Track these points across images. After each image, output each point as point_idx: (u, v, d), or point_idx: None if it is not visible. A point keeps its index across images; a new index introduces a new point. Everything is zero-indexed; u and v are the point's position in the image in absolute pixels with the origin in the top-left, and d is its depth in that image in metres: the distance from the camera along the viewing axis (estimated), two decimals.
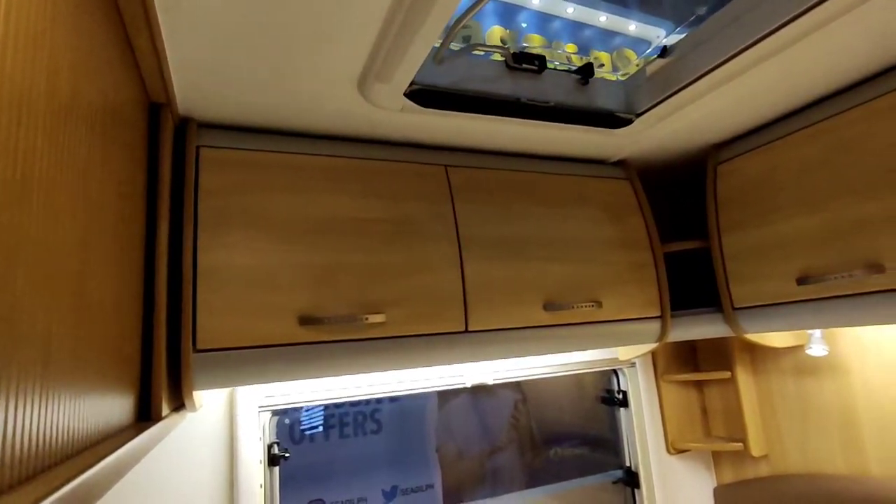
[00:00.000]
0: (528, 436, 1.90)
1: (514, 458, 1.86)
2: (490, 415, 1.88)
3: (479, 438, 1.84)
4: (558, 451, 1.92)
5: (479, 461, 1.82)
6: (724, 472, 1.96)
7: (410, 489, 1.72)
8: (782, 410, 1.78)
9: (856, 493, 1.55)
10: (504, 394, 1.90)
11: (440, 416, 1.81)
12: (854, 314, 1.26)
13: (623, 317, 1.48)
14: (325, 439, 1.66)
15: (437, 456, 1.78)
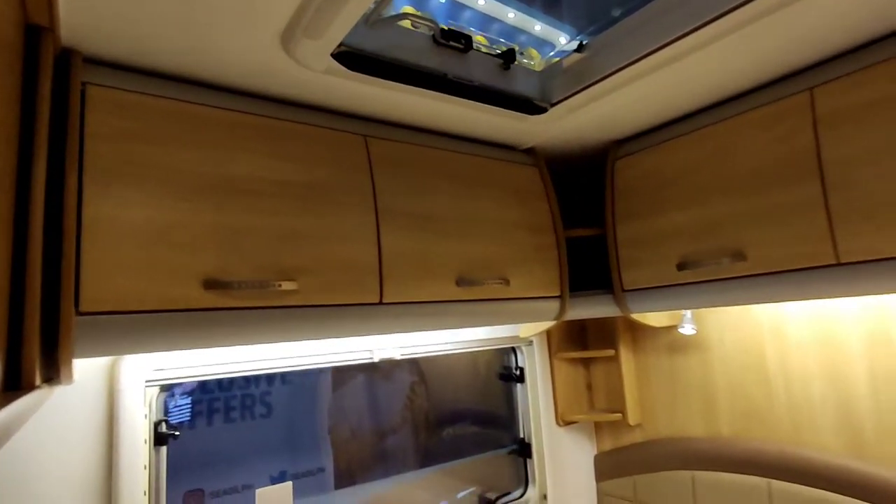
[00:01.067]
0: (424, 416, 1.93)
1: (408, 439, 1.88)
2: (385, 396, 1.88)
3: (373, 420, 1.84)
4: (454, 430, 1.97)
5: (373, 443, 1.81)
6: (604, 441, 2.15)
7: (300, 473, 1.67)
8: (656, 384, 2.00)
9: (710, 450, 1.79)
10: (400, 375, 1.92)
11: (333, 398, 1.78)
12: (722, 296, 1.44)
13: (528, 295, 1.56)
14: (207, 425, 1.56)
15: (329, 439, 1.75)
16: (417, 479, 1.84)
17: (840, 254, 1.20)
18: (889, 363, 1.45)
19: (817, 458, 1.55)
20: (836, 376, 1.55)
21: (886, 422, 1.45)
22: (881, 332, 1.47)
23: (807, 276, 1.27)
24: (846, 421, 1.53)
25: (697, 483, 1.81)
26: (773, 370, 1.69)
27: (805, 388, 1.61)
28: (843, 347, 1.54)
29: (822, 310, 1.58)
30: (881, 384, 1.46)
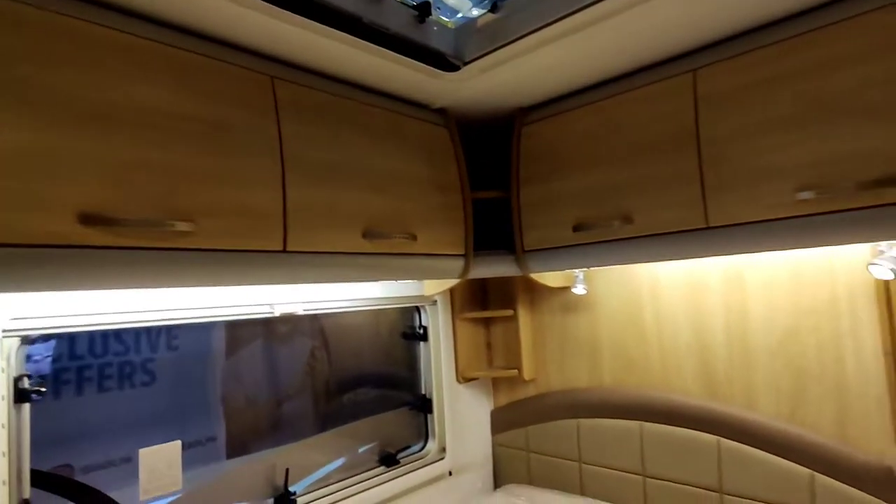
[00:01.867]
0: (325, 382, 1.91)
1: (308, 405, 1.86)
2: (284, 361, 1.83)
3: (270, 386, 1.79)
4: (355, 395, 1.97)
5: (270, 410, 1.77)
6: (501, 396, 2.29)
7: (189, 444, 1.59)
8: (550, 341, 2.14)
9: (593, 399, 1.97)
10: (300, 340, 1.88)
11: (227, 364, 1.71)
12: (612, 256, 1.57)
13: (434, 251, 1.60)
14: (76, 394, 1.43)
15: (221, 407, 1.68)
16: (317, 440, 1.83)
17: (709, 219, 1.36)
18: (739, 319, 1.68)
19: (681, 400, 1.77)
20: (699, 330, 1.77)
21: (734, 368, 1.69)
22: (734, 293, 1.69)
23: (682, 238, 1.42)
24: (704, 368, 1.75)
25: (582, 429, 1.99)
26: (649, 326, 1.88)
27: (674, 340, 1.82)
28: (705, 306, 1.75)
29: (691, 274, 1.78)
30: (733, 338, 1.69)
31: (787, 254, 1.59)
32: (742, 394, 1.67)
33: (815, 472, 1.50)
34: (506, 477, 2.20)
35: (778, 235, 1.28)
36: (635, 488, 1.85)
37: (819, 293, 1.54)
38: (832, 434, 1.51)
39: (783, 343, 1.60)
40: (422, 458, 1.99)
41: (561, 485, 2.03)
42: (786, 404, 1.59)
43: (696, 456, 1.71)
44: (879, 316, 1.43)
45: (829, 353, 1.52)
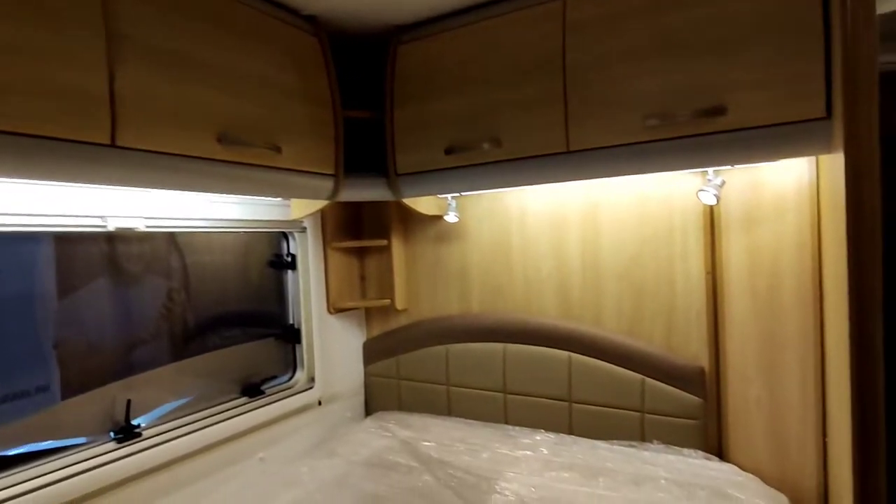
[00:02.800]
0: (182, 316, 1.75)
1: (163, 339, 1.69)
2: (136, 305, 1.63)
3: (118, 331, 1.59)
4: (217, 325, 1.83)
5: (117, 349, 1.58)
6: (374, 327, 2.29)
7: (10, 396, 1.37)
8: (422, 271, 2.17)
9: (462, 326, 2.05)
10: (155, 282, 1.69)
11: (61, 306, 1.48)
12: (482, 180, 1.60)
13: (301, 168, 1.50)
14: None
15: (54, 353, 1.46)
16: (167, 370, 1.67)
17: (570, 143, 1.43)
18: (593, 248, 1.82)
19: (540, 322, 1.91)
20: (559, 258, 1.89)
21: (587, 291, 1.84)
22: (590, 225, 1.82)
23: (546, 163, 1.48)
24: (561, 292, 1.89)
25: (451, 354, 2.06)
26: (516, 255, 1.97)
27: (537, 268, 1.93)
28: (565, 237, 1.87)
29: (554, 207, 1.89)
30: (587, 264, 1.84)
31: (634, 189, 1.74)
32: (591, 313, 1.84)
33: (645, 376, 1.71)
34: (377, 405, 2.23)
35: (628, 160, 1.38)
36: (497, 405, 1.98)
37: (659, 223, 1.71)
38: (661, 344, 1.73)
39: (628, 268, 1.77)
40: (289, 389, 1.93)
41: (430, 408, 2.11)
42: (626, 321, 1.78)
43: (550, 371, 1.87)
44: (704, 240, 1.64)
45: (664, 275, 1.71)
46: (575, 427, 1.84)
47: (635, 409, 1.73)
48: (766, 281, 1.50)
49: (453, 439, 1.85)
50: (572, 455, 1.68)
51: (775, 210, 1.47)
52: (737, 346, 1.60)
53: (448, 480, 1.57)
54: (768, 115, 1.20)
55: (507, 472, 1.60)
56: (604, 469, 1.58)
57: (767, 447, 1.54)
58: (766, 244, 1.50)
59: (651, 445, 1.69)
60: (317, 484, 1.56)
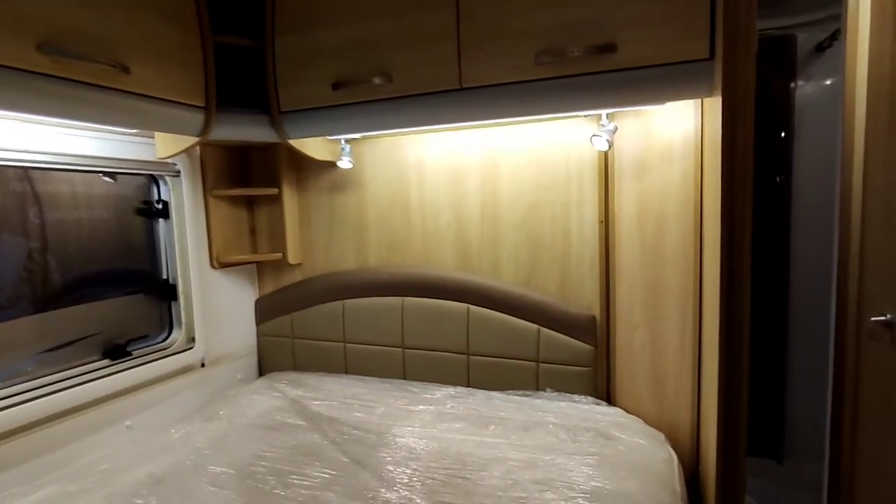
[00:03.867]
0: (45, 286, 1.51)
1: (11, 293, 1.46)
2: None
3: None
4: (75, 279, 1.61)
5: None
6: (267, 284, 2.13)
7: None
8: (317, 223, 2.03)
9: (359, 281, 1.95)
10: (11, 239, 1.44)
11: None
12: (373, 119, 1.48)
13: (159, 95, 1.30)
14: None
15: None
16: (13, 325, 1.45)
17: (463, 79, 1.35)
18: (492, 200, 1.77)
19: (438, 275, 1.85)
20: (459, 210, 1.83)
21: (485, 243, 1.80)
22: (490, 177, 1.77)
23: (439, 100, 1.39)
24: (460, 245, 1.84)
25: (347, 309, 1.97)
26: (414, 207, 1.89)
27: (436, 221, 1.86)
28: (465, 189, 1.81)
29: (454, 158, 1.81)
30: (486, 216, 1.79)
31: (533, 138, 1.70)
32: (489, 265, 1.80)
33: (541, 326, 1.71)
34: (272, 366, 2.10)
35: (522, 99, 1.32)
36: (395, 361, 1.92)
37: (557, 172, 1.69)
38: (555, 295, 1.73)
39: (526, 218, 1.74)
40: (165, 350, 1.75)
41: (327, 367, 2.01)
42: (523, 272, 1.77)
43: (449, 324, 1.82)
44: (599, 189, 1.63)
45: (560, 225, 1.70)
46: (473, 379, 1.82)
47: (531, 359, 1.74)
48: (653, 228, 1.53)
49: (347, 397, 1.78)
50: (467, 407, 1.66)
51: (662, 158, 1.48)
52: (625, 294, 1.63)
53: (336, 437, 1.49)
54: (656, 54, 1.18)
55: (398, 426, 1.55)
56: (496, 418, 1.57)
57: (649, 390, 1.60)
58: (653, 192, 1.52)
59: (544, 393, 1.71)
60: (189, 450, 1.43)
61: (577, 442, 1.41)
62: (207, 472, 1.31)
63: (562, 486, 1.21)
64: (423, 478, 1.27)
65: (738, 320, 1.16)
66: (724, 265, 1.09)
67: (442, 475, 1.27)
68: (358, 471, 1.30)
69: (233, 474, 1.29)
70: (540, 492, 1.18)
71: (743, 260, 1.12)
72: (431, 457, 1.36)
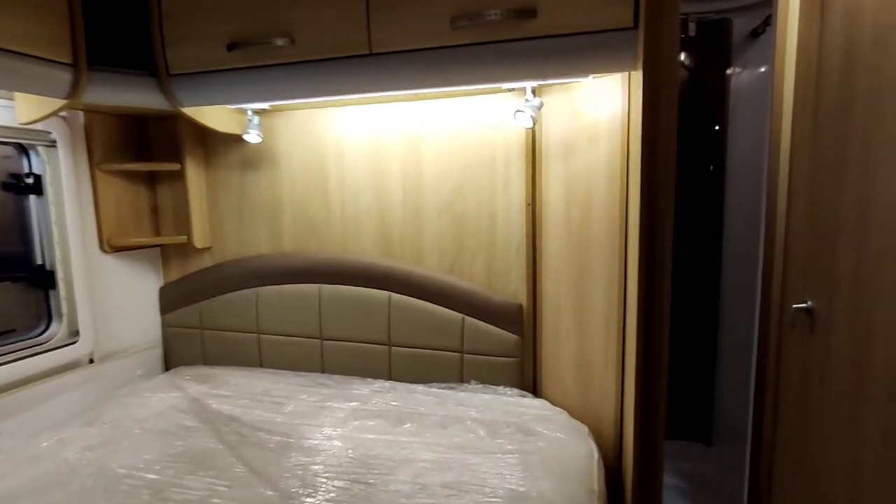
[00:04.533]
0: None
1: None
2: None
3: None
4: None
5: None
6: (172, 270, 1.93)
7: None
8: (226, 203, 1.85)
9: (274, 267, 1.79)
10: None
11: None
12: (275, 85, 1.32)
13: (12, 47, 1.10)
14: None
15: None
16: None
17: (373, 44, 1.21)
18: (415, 182, 1.65)
19: (359, 260, 1.72)
20: (380, 193, 1.69)
21: (408, 228, 1.68)
22: (412, 158, 1.64)
23: (347, 66, 1.25)
24: (382, 229, 1.71)
25: (260, 298, 1.81)
26: (333, 189, 1.74)
27: (356, 201, 1.72)
28: (386, 170, 1.67)
29: (375, 138, 1.67)
30: (408, 200, 1.66)
31: (458, 114, 1.58)
32: (412, 251, 1.69)
33: (465, 315, 1.62)
34: (179, 359, 1.91)
35: (437, 67, 1.20)
36: (313, 352, 1.78)
37: (482, 152, 1.58)
38: (481, 282, 1.63)
39: (451, 201, 1.63)
40: (41, 345, 1.54)
41: (239, 360, 1.85)
42: (448, 258, 1.66)
43: (369, 314, 1.70)
44: (525, 170, 1.54)
45: (485, 208, 1.60)
46: (395, 372, 1.71)
47: (455, 350, 1.64)
48: (580, 212, 1.45)
49: (257, 393, 1.63)
50: (385, 402, 1.55)
51: (590, 138, 1.40)
52: (552, 281, 1.55)
53: (234, 440, 1.35)
54: (578, 22, 1.09)
55: (307, 425, 1.42)
56: (414, 414, 1.46)
57: (574, 380, 1.54)
58: (581, 174, 1.44)
59: (469, 386, 1.62)
60: (58, 461, 1.25)
61: (496, 439, 1.32)
62: (71, 486, 1.13)
63: (473, 489, 1.11)
64: (321, 485, 1.15)
65: (657, 308, 1.09)
66: (643, 252, 1.02)
67: (344, 481, 1.16)
68: (250, 480, 1.17)
69: (101, 488, 1.12)
70: (447, 497, 1.09)
71: (663, 246, 1.05)
72: (336, 460, 1.24)
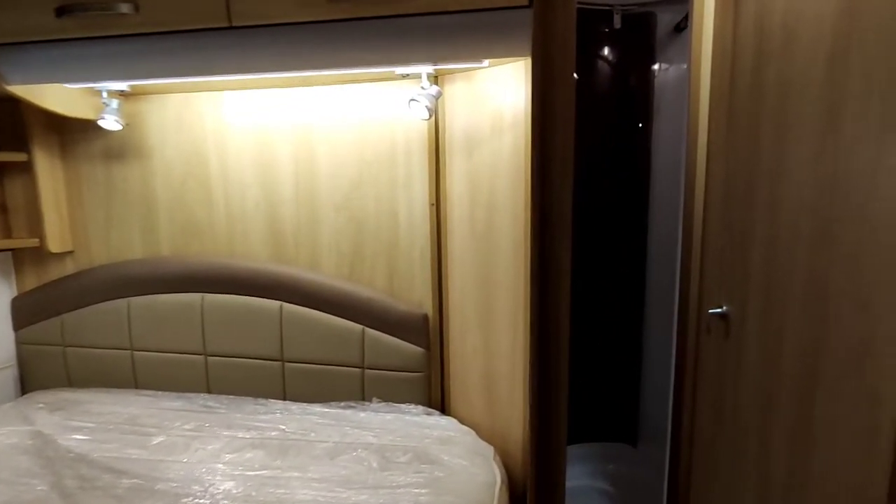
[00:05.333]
0: None
1: None
2: None
3: None
4: None
5: None
6: (27, 278, 1.65)
7: None
8: (90, 200, 1.59)
9: (148, 273, 1.56)
10: None
11: None
12: (116, 62, 1.11)
13: None
14: None
15: None
16: None
17: (233, 15, 1.02)
18: (308, 176, 1.47)
19: (246, 266, 1.52)
20: (269, 188, 1.50)
21: (301, 228, 1.49)
22: (304, 150, 1.46)
23: (202, 41, 1.05)
24: (272, 230, 1.52)
25: (133, 309, 1.57)
26: (215, 180, 1.53)
27: (242, 198, 1.52)
28: (275, 163, 1.48)
29: (261, 127, 1.47)
30: (301, 196, 1.48)
31: (353, 104, 1.41)
32: (307, 254, 1.51)
33: (366, 326, 1.46)
34: (37, 382, 1.64)
35: (310, 45, 1.03)
36: (196, 370, 1.57)
37: (381, 144, 1.42)
38: (383, 289, 1.48)
39: (348, 198, 1.46)
40: None
41: (110, 381, 1.61)
42: (347, 263, 1.49)
43: (259, 326, 1.51)
44: (429, 167, 1.39)
45: (385, 207, 1.44)
46: (290, 390, 1.53)
47: (355, 365, 1.48)
48: (484, 213, 1.31)
49: (122, 422, 1.40)
50: (273, 426, 1.37)
51: (493, 130, 1.26)
52: (458, 288, 1.41)
53: (73, 487, 1.13)
54: None
55: (170, 461, 1.22)
56: (300, 442, 1.29)
57: (482, 397, 1.41)
58: (485, 170, 1.30)
59: (370, 405, 1.46)
60: None
61: (388, 471, 1.17)
62: None
63: None
64: None
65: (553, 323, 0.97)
66: (535, 259, 0.89)
67: None
68: None
69: None
70: None
71: (560, 255, 0.92)
72: None
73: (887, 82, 0.62)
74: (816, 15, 0.76)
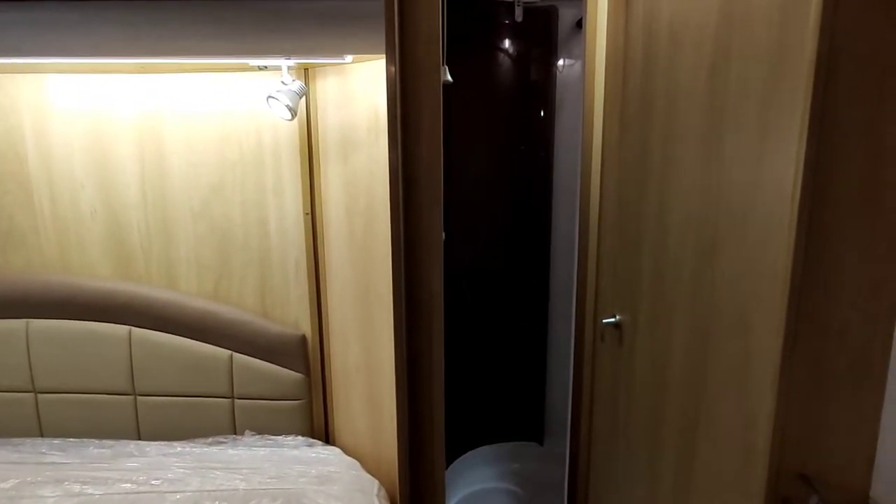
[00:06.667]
0: None
1: None
2: None
3: None
4: None
5: None
6: None
7: None
8: None
9: None
10: None
11: None
12: None
13: None
14: None
15: None
16: None
17: None
18: (158, 176, 1.25)
19: (84, 285, 1.27)
20: (108, 189, 1.26)
21: (153, 237, 1.27)
22: (151, 145, 1.23)
23: None
24: (115, 239, 1.28)
25: None
26: (36, 178, 1.26)
27: (74, 200, 1.27)
28: (115, 158, 1.24)
29: (93, 104, 1.22)
30: (150, 198, 1.26)
31: (208, 94, 1.21)
32: (161, 269, 1.29)
33: (234, 351, 1.27)
34: None
35: (128, 27, 0.83)
36: (24, 410, 1.30)
37: (245, 143, 1.23)
38: (254, 308, 1.30)
39: (209, 202, 1.26)
40: None
41: None
42: (210, 278, 1.29)
43: (102, 356, 1.27)
44: (302, 171, 1.22)
45: (254, 215, 1.26)
46: (144, 429, 1.31)
47: (223, 396, 1.29)
48: (363, 221, 1.17)
49: None
50: (120, 475, 1.15)
51: (369, 131, 1.12)
52: (337, 304, 1.27)
53: None
54: None
55: None
56: (149, 495, 1.09)
57: (366, 422, 1.28)
58: (362, 175, 1.16)
59: (244, 438, 1.29)
60: None
61: None
62: None
63: None
64: None
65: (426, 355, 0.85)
66: (398, 290, 0.76)
67: None
68: None
69: None
70: None
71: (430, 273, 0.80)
72: None
73: (762, 93, 0.55)
74: (699, 23, 0.69)
